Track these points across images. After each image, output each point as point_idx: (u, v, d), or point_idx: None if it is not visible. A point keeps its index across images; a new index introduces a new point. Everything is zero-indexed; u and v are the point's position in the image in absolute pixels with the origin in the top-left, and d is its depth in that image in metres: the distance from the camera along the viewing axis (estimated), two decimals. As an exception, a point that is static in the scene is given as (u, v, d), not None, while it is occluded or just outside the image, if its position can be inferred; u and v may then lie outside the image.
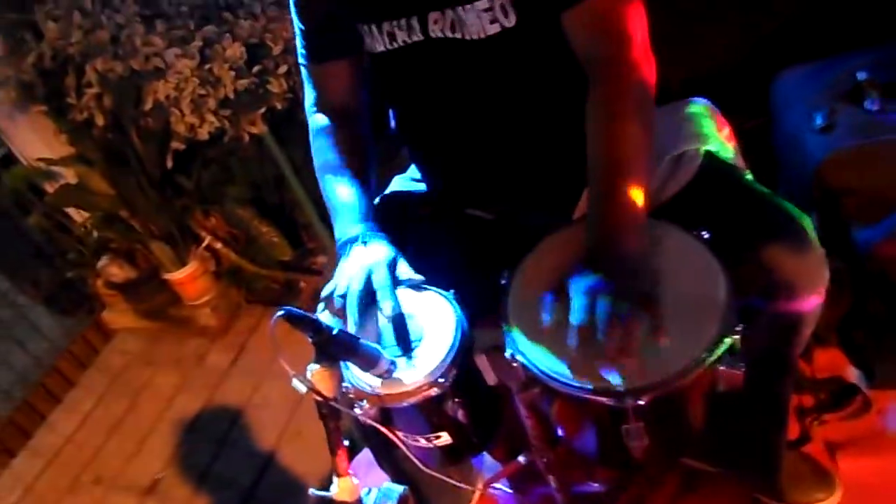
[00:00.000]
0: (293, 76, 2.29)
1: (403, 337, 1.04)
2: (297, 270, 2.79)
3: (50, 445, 2.65)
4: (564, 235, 1.10)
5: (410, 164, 1.44)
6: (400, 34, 1.14)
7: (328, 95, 1.28)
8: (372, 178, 1.24)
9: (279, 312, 0.83)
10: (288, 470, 2.19)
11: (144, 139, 2.47)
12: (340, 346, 0.91)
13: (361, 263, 1.07)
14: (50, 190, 2.67)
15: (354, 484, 0.96)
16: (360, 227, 1.13)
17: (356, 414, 1.00)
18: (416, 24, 1.12)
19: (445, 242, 1.28)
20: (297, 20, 1.24)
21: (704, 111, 1.25)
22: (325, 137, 1.26)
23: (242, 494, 2.16)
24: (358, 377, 1.01)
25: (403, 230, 1.22)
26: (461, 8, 1.07)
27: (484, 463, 1.59)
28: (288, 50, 2.26)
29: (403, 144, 1.38)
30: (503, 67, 1.14)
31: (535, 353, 0.98)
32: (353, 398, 1.01)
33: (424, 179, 1.39)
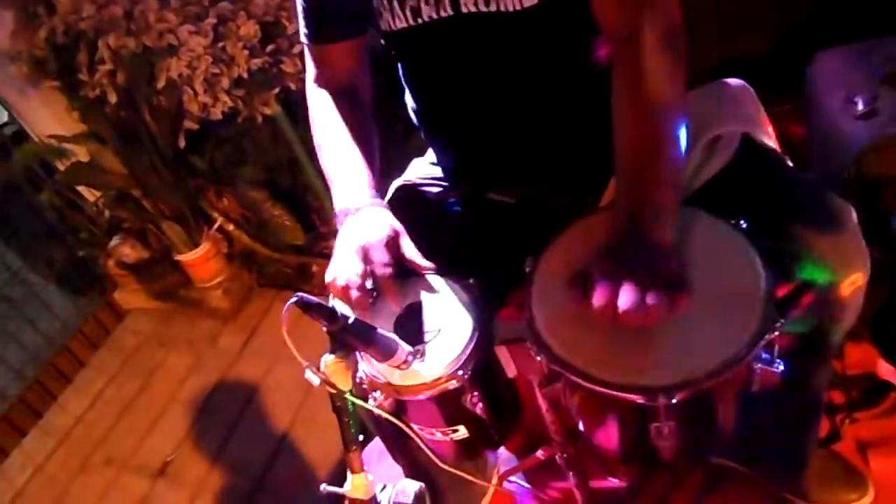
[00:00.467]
0: (308, 56, 2.24)
1: (419, 327, 1.00)
2: (309, 254, 2.76)
3: (61, 425, 2.64)
4: (592, 223, 1.05)
5: (428, 147, 1.38)
6: (426, 9, 1.08)
7: (328, 74, 1.23)
8: (374, 152, 1.18)
9: (292, 299, 0.79)
10: (301, 454, 2.16)
11: (157, 118, 2.44)
12: (356, 335, 0.87)
13: (357, 242, 1.02)
14: (61, 167, 2.64)
15: (369, 481, 0.92)
16: (356, 197, 1.09)
17: (370, 406, 0.95)
18: None
19: (466, 228, 1.24)
20: None
21: (742, 93, 1.19)
22: (323, 111, 1.21)
23: (254, 478, 2.14)
24: (373, 368, 0.97)
25: (422, 216, 1.17)
26: None
27: (499, 456, 1.55)
28: (303, 29, 2.22)
29: (421, 126, 1.32)
30: (533, 44, 1.08)
31: (559, 345, 0.93)
32: (367, 389, 0.97)
33: (443, 163, 1.34)
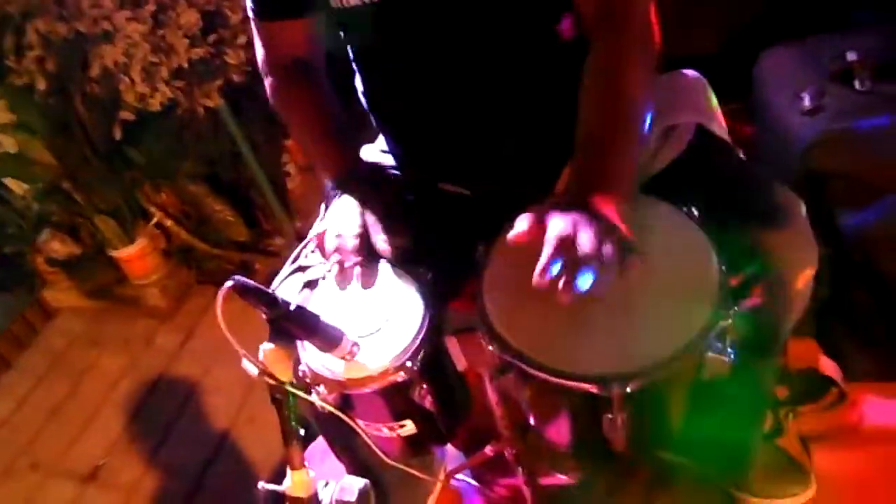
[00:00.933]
0: (253, 48, 2.19)
1: (366, 317, 0.96)
2: (252, 251, 2.69)
3: (-17, 429, 2.52)
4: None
5: (379, 134, 1.34)
6: None
7: (279, 52, 1.21)
8: (341, 127, 1.19)
9: (228, 283, 0.74)
10: (239, 458, 2.10)
11: (90, 107, 2.34)
12: (298, 323, 0.82)
13: (335, 231, 1.04)
14: (-13, 159, 2.51)
15: (310, 477, 0.87)
16: (335, 180, 1.12)
17: (313, 399, 0.91)
18: None
19: (416, 217, 1.20)
20: None
21: (697, 84, 1.19)
22: (281, 97, 1.20)
23: (190, 483, 2.07)
24: (316, 359, 0.93)
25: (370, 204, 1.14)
26: None
27: (446, 453, 1.52)
28: (247, 19, 2.16)
29: (372, 112, 1.28)
30: (491, 24, 1.05)
31: (510, 333, 0.90)
32: (310, 383, 0.93)
33: (394, 151, 1.30)
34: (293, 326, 0.83)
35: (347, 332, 0.90)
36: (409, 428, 0.98)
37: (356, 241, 1.03)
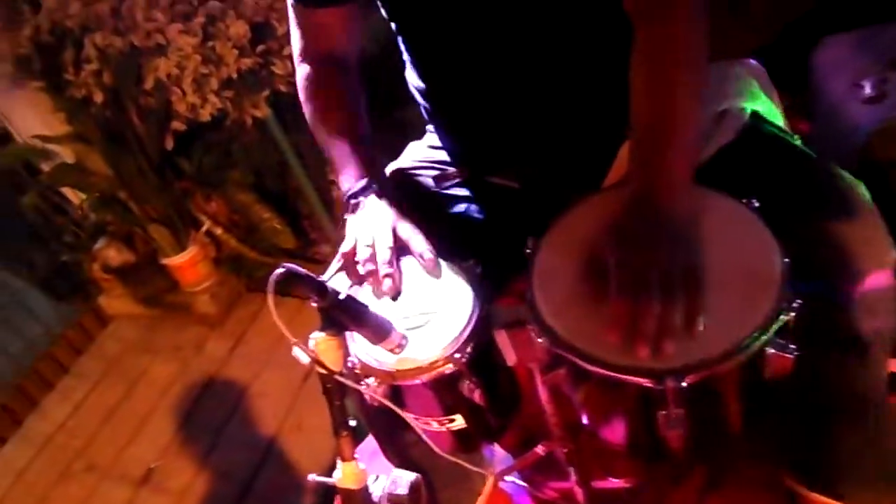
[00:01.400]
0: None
1: (416, 310, 0.96)
2: (301, 258, 2.71)
3: (42, 432, 2.58)
4: (596, 201, 1.01)
5: (426, 132, 1.34)
6: None
7: (315, 43, 1.18)
8: (363, 130, 1.16)
9: (279, 269, 0.74)
10: (288, 463, 2.11)
11: (144, 118, 2.40)
12: (348, 313, 0.82)
13: (367, 228, 1.01)
14: (46, 169, 2.59)
15: (360, 469, 0.87)
16: (357, 182, 1.08)
17: (363, 389, 0.90)
18: None
19: (466, 211, 1.19)
20: None
21: (754, 72, 1.15)
22: (311, 88, 1.18)
23: (240, 487, 2.09)
24: (366, 351, 0.92)
25: (417, 201, 1.14)
26: None
27: (494, 455, 1.50)
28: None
29: (424, 105, 1.27)
30: (543, 16, 1.03)
31: (562, 327, 0.88)
32: (360, 374, 0.92)
33: (445, 145, 1.29)
34: (343, 316, 0.82)
35: (396, 324, 0.90)
36: (458, 423, 0.97)
37: (388, 252, 1.00)
